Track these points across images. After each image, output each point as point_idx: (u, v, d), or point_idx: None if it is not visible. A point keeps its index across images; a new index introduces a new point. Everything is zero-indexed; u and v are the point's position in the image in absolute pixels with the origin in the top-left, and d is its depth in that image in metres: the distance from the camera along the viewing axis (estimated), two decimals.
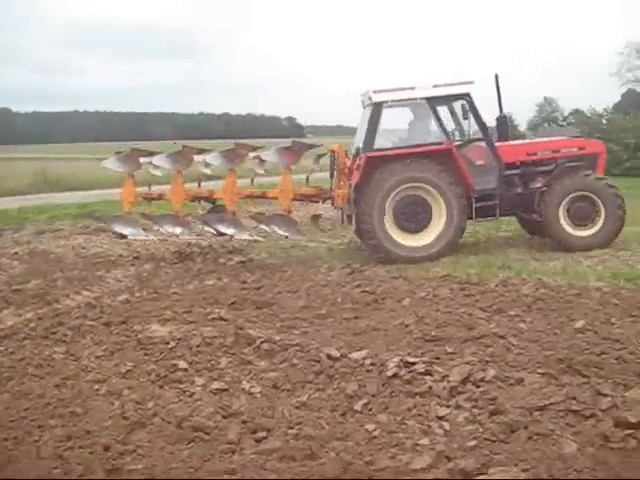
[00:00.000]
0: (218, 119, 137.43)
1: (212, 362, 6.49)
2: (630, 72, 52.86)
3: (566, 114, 59.49)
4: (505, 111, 13.77)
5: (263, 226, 12.91)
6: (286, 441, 4.64)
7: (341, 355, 6.28)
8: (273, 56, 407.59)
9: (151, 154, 13.20)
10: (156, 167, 13.10)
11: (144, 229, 13.47)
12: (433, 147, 12.38)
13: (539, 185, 12.58)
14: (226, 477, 4.14)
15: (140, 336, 7.36)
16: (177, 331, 7.45)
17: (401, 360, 5.96)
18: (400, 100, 12.74)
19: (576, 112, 53.75)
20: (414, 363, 5.91)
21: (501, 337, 6.69)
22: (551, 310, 7.81)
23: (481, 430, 4.69)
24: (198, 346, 6.92)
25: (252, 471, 4.22)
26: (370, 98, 12.57)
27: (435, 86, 12.49)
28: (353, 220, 12.60)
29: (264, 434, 4.81)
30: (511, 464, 4.13)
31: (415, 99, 12.71)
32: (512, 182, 12.86)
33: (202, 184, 13.50)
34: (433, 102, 12.50)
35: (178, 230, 12.98)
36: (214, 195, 13.12)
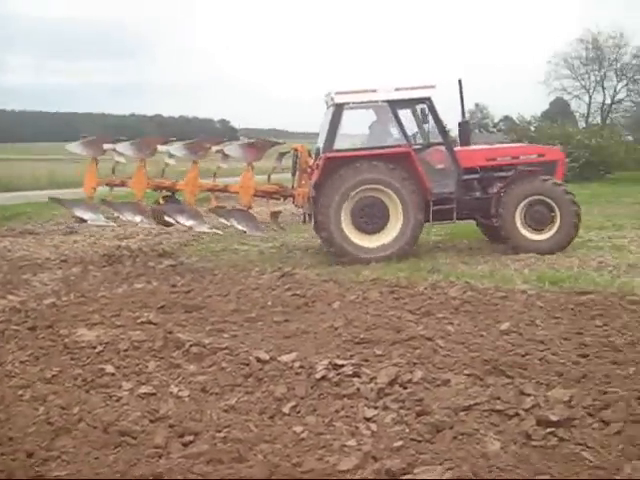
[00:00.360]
0: (150, 120, 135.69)
1: (140, 366, 6.41)
2: (557, 81, 54.16)
3: (496, 121, 60.51)
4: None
5: (222, 220, 12.94)
6: (214, 444, 4.62)
7: (270, 358, 6.28)
8: (209, 58, 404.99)
9: (116, 141, 13.20)
10: (119, 154, 13.13)
11: (105, 216, 13.41)
12: (391, 150, 12.56)
13: (497, 190, 12.76)
14: None
15: (67, 340, 7.22)
16: (105, 335, 7.33)
17: (330, 362, 5.99)
18: (361, 102, 12.90)
19: (506, 119, 54.80)
20: (342, 365, 5.94)
21: (429, 339, 6.78)
22: (478, 312, 7.95)
23: (407, 431, 4.75)
24: (126, 350, 6.82)
25: (179, 475, 4.18)
26: (332, 99, 12.68)
27: (397, 89, 12.65)
28: (312, 219, 12.76)
29: (192, 438, 4.78)
30: (436, 463, 4.19)
31: (376, 102, 12.86)
32: (471, 187, 13.08)
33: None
34: (394, 105, 12.66)
35: (138, 218, 12.97)
36: (176, 186, 13.13)
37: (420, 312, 8.02)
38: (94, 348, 6.91)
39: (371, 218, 12.46)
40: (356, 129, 14.09)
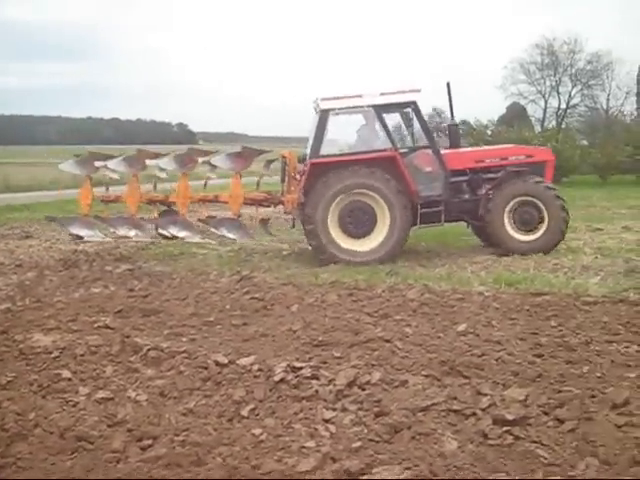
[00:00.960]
0: (106, 124, 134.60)
1: (97, 371, 6.35)
2: (514, 85, 54.88)
3: None
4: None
5: (212, 229, 13.30)
6: (172, 448, 4.59)
7: (229, 361, 6.27)
8: (168, 61, 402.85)
9: (107, 158, 13.62)
10: (112, 170, 13.58)
11: (100, 231, 13.75)
12: (376, 154, 12.60)
13: (485, 192, 12.83)
14: None
15: (22, 346, 7.12)
16: (61, 340, 7.26)
17: (288, 365, 6.01)
18: (347, 108, 12.91)
19: (463, 123, 55.31)
20: (301, 368, 5.97)
21: (387, 341, 6.83)
22: (435, 314, 8.03)
23: (366, 431, 4.78)
24: (83, 355, 6.76)
25: (138, 478, 4.16)
26: (318, 105, 12.75)
27: (382, 94, 12.71)
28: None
29: (150, 442, 4.74)
30: (394, 463, 4.23)
31: (362, 107, 12.89)
32: (460, 189, 13.17)
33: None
34: (379, 110, 12.72)
35: (132, 232, 13.41)
36: (168, 199, 13.46)
37: (378, 314, 8.07)
38: (50, 353, 6.83)
39: (358, 222, 12.53)
40: (347, 134, 14.18)
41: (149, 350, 6.71)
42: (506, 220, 12.53)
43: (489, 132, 42.19)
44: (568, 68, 53.70)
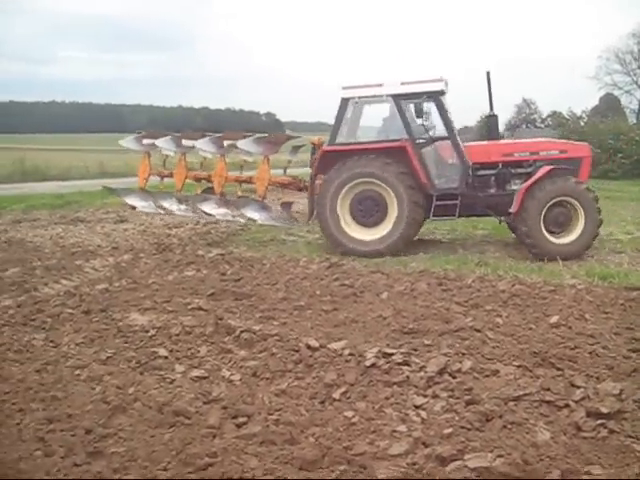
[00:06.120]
0: (197, 113, 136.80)
1: (192, 350, 6.54)
2: (608, 76, 53.40)
3: (544, 116, 59.77)
4: (484, 111, 13.91)
5: (235, 209, 13.78)
6: (266, 426, 4.70)
7: (320, 345, 6.36)
8: (255, 50, 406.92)
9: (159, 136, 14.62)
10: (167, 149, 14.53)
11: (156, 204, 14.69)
12: (387, 144, 12.54)
13: (515, 187, 12.33)
14: (207, 460, 4.19)
15: (120, 324, 7.40)
16: (157, 320, 7.51)
17: (379, 351, 6.06)
18: (367, 97, 12.87)
19: (554, 114, 54.13)
20: (392, 354, 6.00)
21: (477, 330, 6.81)
22: (527, 306, 7.94)
23: (457, 419, 4.79)
24: (178, 335, 6.97)
25: (233, 454, 4.27)
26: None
27: (403, 83, 12.55)
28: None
29: (244, 420, 4.87)
30: (486, 450, 4.23)
31: (382, 96, 12.82)
32: (486, 183, 12.71)
33: None
34: (399, 99, 12.56)
35: (174, 207, 14.40)
36: (210, 177, 14.15)
37: (468, 304, 8.04)
38: (147, 332, 7.08)
39: (369, 211, 12.55)
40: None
41: (242, 332, 6.86)
42: (541, 220, 11.76)
43: (582, 124, 41.10)
44: None
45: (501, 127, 14.26)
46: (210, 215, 13.96)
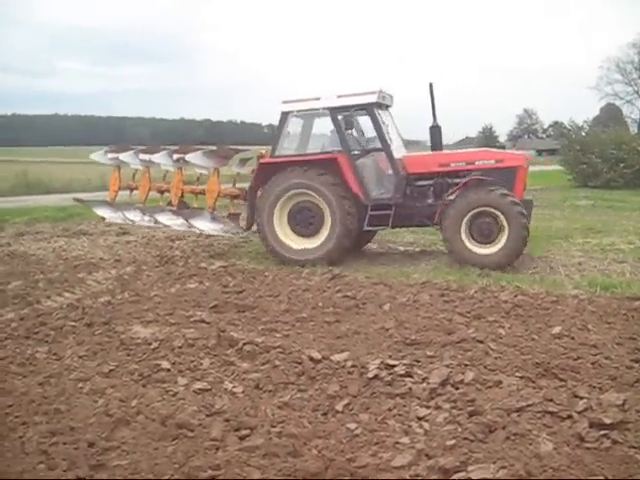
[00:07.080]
0: (199, 125, 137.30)
1: (194, 363, 6.55)
2: (609, 86, 53.53)
3: (546, 126, 59.95)
4: (486, 122, 13.92)
5: (184, 220, 13.97)
6: (269, 439, 4.71)
7: (322, 357, 6.38)
8: (251, 61, 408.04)
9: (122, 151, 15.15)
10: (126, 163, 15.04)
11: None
12: (320, 156, 12.75)
13: (450, 197, 12.16)
14: (210, 472, 4.20)
15: (122, 337, 7.41)
16: (159, 332, 7.52)
17: (382, 362, 6.07)
18: (305, 110, 13.11)
19: (555, 124, 54.24)
20: (394, 365, 6.02)
21: (480, 342, 6.82)
22: (529, 316, 7.95)
23: (460, 430, 4.79)
24: (180, 347, 6.98)
25: (236, 467, 4.27)
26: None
27: (339, 96, 12.72)
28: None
29: (247, 432, 4.88)
30: (489, 462, 4.23)
31: (318, 109, 12.99)
32: (422, 193, 12.85)
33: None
34: (335, 112, 12.71)
35: (138, 218, 14.73)
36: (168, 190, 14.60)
37: (471, 315, 8.04)
38: (149, 344, 7.09)
39: (306, 221, 12.76)
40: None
41: (244, 344, 6.87)
42: (462, 230, 11.71)
43: (583, 134, 41.13)
44: None
45: (503, 138, 14.22)
46: (167, 226, 14.33)
